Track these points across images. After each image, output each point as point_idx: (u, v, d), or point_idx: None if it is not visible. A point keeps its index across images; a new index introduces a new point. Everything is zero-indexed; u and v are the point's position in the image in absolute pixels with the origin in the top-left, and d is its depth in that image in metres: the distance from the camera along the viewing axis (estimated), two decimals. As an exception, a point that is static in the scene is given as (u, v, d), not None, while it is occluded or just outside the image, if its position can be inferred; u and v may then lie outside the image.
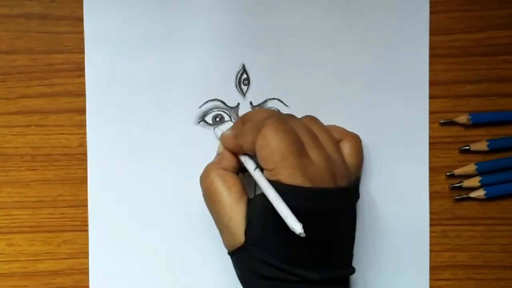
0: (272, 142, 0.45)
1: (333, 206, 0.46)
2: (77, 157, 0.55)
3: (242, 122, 0.51)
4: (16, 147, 0.55)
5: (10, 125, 0.55)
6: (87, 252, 0.55)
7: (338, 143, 0.50)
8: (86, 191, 0.54)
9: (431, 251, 0.55)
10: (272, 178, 0.46)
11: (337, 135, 0.51)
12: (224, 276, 0.54)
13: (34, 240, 0.55)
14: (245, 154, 0.49)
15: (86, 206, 0.54)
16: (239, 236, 0.47)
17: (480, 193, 0.54)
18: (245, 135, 0.48)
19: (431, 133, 0.55)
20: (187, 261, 0.55)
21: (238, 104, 0.55)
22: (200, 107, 0.55)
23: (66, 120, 0.55)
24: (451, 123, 0.55)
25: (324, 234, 0.46)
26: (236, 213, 0.47)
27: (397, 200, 0.54)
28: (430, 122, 0.55)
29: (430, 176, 0.55)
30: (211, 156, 0.54)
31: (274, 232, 0.45)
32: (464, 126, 0.55)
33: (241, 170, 0.50)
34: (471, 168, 0.55)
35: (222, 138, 0.51)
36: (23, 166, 0.55)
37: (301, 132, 0.47)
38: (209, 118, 0.55)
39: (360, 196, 0.51)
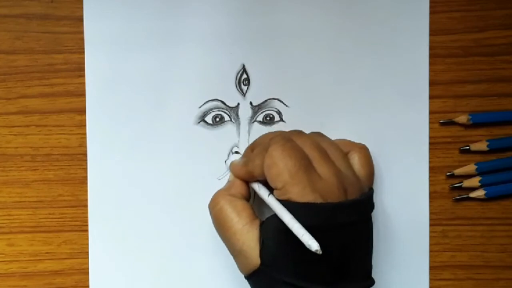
0: (279, 161, 0.45)
1: (346, 220, 0.45)
2: (77, 157, 0.55)
3: (251, 149, 0.51)
4: (16, 147, 0.55)
5: (10, 125, 0.55)
6: (87, 252, 0.54)
7: (347, 156, 0.50)
8: (86, 191, 0.54)
9: (431, 251, 0.55)
10: (282, 197, 0.45)
11: (344, 148, 0.50)
12: (225, 276, 0.54)
13: (34, 240, 0.55)
14: (257, 181, 0.49)
15: (86, 206, 0.54)
16: (254, 260, 0.46)
17: (480, 193, 0.54)
18: (254, 160, 0.48)
19: (431, 133, 0.55)
20: (187, 261, 0.55)
21: (238, 104, 0.55)
22: (200, 107, 0.55)
23: (66, 120, 0.55)
24: (451, 123, 0.55)
25: (339, 248, 0.45)
26: (249, 237, 0.47)
27: (397, 200, 0.54)
28: (430, 122, 0.55)
29: (430, 176, 0.55)
30: (210, 156, 0.54)
31: (289, 251, 0.45)
32: (464, 126, 0.55)
33: (250, 197, 0.50)
34: (471, 168, 0.55)
35: (232, 168, 0.51)
36: (23, 166, 0.55)
37: (308, 148, 0.47)
38: (209, 118, 0.55)
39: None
